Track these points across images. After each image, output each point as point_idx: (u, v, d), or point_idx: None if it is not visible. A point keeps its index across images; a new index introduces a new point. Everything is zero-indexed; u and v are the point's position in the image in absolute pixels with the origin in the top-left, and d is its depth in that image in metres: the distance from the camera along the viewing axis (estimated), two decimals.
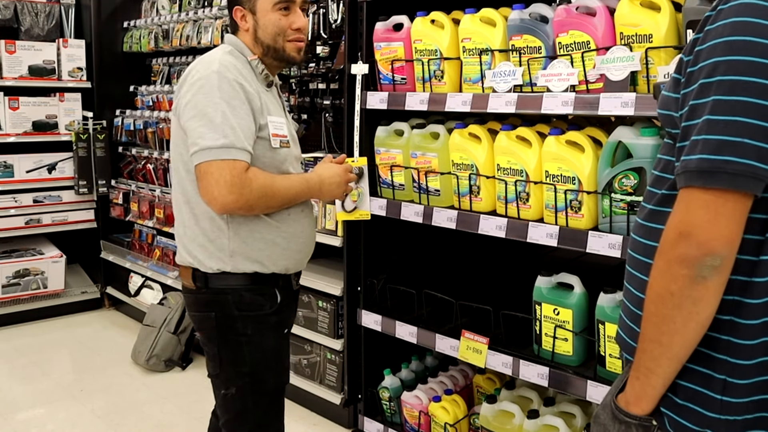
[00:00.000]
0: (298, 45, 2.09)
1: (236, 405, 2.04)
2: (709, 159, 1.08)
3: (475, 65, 2.46)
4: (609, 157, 2.13)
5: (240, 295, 1.99)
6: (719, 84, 1.10)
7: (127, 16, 4.99)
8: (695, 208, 1.10)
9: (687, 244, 1.10)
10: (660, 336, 1.16)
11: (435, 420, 2.76)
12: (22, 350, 4.26)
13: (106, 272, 5.05)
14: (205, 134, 1.85)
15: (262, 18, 2.04)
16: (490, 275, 3.10)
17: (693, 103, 1.13)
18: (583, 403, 2.40)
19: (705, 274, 1.09)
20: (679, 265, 1.11)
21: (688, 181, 1.11)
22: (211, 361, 2.07)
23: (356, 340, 3.07)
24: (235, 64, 1.97)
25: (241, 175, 1.85)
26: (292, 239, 2.05)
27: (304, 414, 3.40)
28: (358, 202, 2.82)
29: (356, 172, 2.81)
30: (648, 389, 1.20)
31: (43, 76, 4.71)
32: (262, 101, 1.97)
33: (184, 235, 2.02)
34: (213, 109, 1.87)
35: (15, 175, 4.66)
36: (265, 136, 1.97)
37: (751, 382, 1.16)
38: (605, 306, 2.19)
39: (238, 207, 1.88)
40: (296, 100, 3.52)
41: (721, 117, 1.09)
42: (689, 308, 1.12)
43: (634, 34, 2.07)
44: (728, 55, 1.09)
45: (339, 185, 2.18)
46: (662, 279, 1.14)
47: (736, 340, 1.16)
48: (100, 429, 3.30)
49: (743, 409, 1.17)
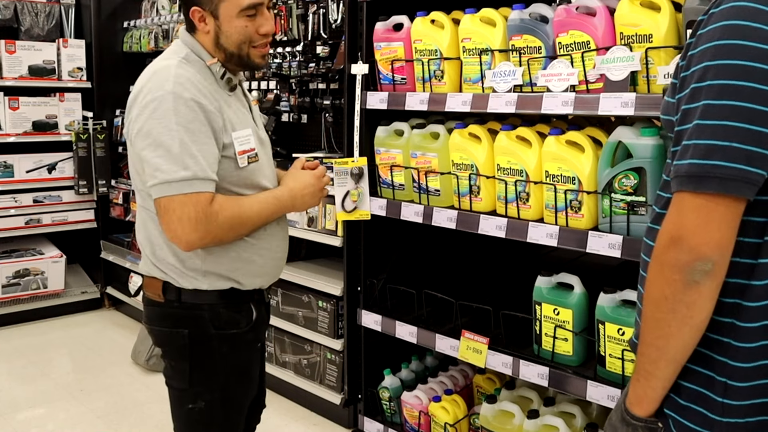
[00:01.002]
0: (263, 51, 1.89)
1: (203, 419, 1.88)
2: (699, 164, 1.09)
3: (475, 65, 2.46)
4: (609, 157, 2.13)
5: (217, 312, 1.84)
6: (709, 88, 1.10)
7: (127, 16, 4.99)
8: (686, 213, 1.11)
9: (678, 248, 1.10)
10: (656, 339, 1.16)
11: (435, 420, 2.76)
12: (22, 350, 4.26)
13: (106, 272, 5.05)
14: (162, 166, 1.67)
15: (226, 24, 1.80)
16: (490, 275, 3.10)
17: (685, 108, 1.14)
18: (583, 403, 2.40)
19: (697, 279, 1.10)
20: (671, 269, 1.11)
21: (680, 186, 1.12)
22: (177, 375, 1.88)
23: (356, 340, 3.07)
24: (191, 77, 1.74)
25: (206, 210, 1.68)
26: (266, 255, 1.91)
27: (304, 414, 3.41)
28: (358, 202, 2.83)
29: (356, 172, 2.82)
30: (648, 391, 1.21)
31: (43, 76, 4.71)
32: (224, 117, 1.77)
33: (152, 253, 1.85)
34: (169, 137, 1.67)
35: (15, 175, 4.66)
36: (230, 155, 1.78)
37: (751, 385, 1.16)
38: (605, 306, 2.19)
39: (204, 243, 1.73)
40: (296, 100, 3.52)
41: (711, 122, 1.09)
42: (683, 312, 1.12)
43: (634, 34, 2.07)
44: (717, 59, 1.09)
45: (313, 195, 1.96)
46: (656, 283, 1.15)
47: (736, 343, 1.16)
48: (100, 429, 3.31)
49: (744, 412, 1.17)
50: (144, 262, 1.91)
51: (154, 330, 1.92)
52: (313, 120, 3.62)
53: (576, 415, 2.45)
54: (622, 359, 2.13)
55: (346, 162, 2.82)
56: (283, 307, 3.45)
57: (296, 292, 3.37)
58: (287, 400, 3.50)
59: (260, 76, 3.65)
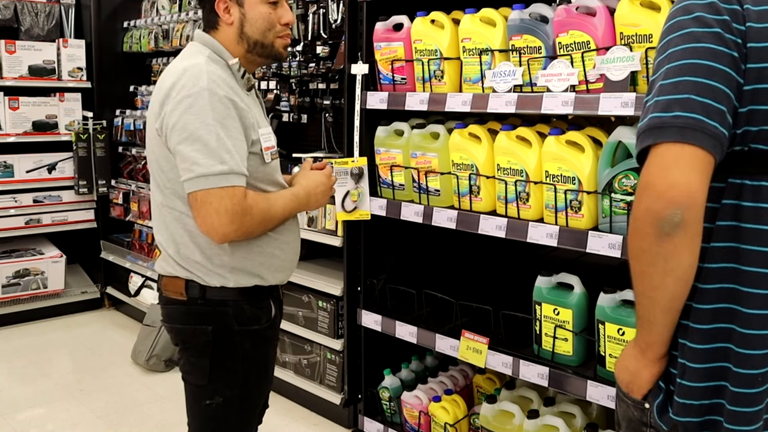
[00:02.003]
0: (286, 41, 1.95)
1: (219, 415, 1.92)
2: (659, 116, 1.13)
3: (475, 65, 2.46)
4: (609, 157, 2.13)
5: (241, 308, 1.88)
6: (670, 55, 1.17)
7: (127, 16, 4.99)
8: (651, 162, 1.13)
9: (647, 197, 1.13)
10: (646, 290, 1.20)
11: (435, 420, 2.76)
12: (22, 350, 4.26)
13: (106, 272, 5.05)
14: (200, 160, 1.71)
15: (251, 11, 1.87)
16: (490, 275, 3.10)
17: (651, 80, 1.20)
18: (583, 403, 2.40)
19: (667, 231, 1.11)
20: (643, 222, 1.14)
21: (643, 142, 1.15)
22: (196, 371, 1.91)
23: (356, 340, 3.07)
24: (221, 75, 1.80)
25: (242, 203, 1.74)
26: (287, 248, 1.97)
27: (304, 414, 3.41)
28: (358, 202, 2.83)
29: (356, 172, 2.82)
30: (654, 336, 1.25)
31: (43, 76, 4.71)
32: (252, 115, 1.84)
33: (176, 252, 1.86)
34: (207, 132, 1.71)
35: (15, 175, 4.66)
36: (257, 151, 1.84)
37: (703, 367, 1.21)
38: (605, 306, 2.19)
39: (238, 236, 1.78)
40: (296, 100, 3.52)
41: (671, 80, 1.15)
42: (662, 265, 1.15)
43: (634, 34, 2.07)
44: (672, 32, 1.18)
45: (324, 194, 2.04)
46: (634, 237, 1.17)
47: (693, 325, 1.22)
48: (100, 429, 3.31)
49: (699, 394, 1.22)
50: (164, 262, 1.91)
51: (176, 328, 1.93)
52: (313, 120, 3.62)
53: (576, 415, 2.46)
54: None
55: (346, 162, 2.82)
56: (284, 306, 3.45)
57: (296, 292, 3.37)
58: (287, 400, 3.50)
59: (260, 75, 3.65)
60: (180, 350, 1.95)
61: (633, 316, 2.06)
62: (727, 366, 1.21)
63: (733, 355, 1.20)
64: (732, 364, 1.20)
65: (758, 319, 1.18)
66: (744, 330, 1.19)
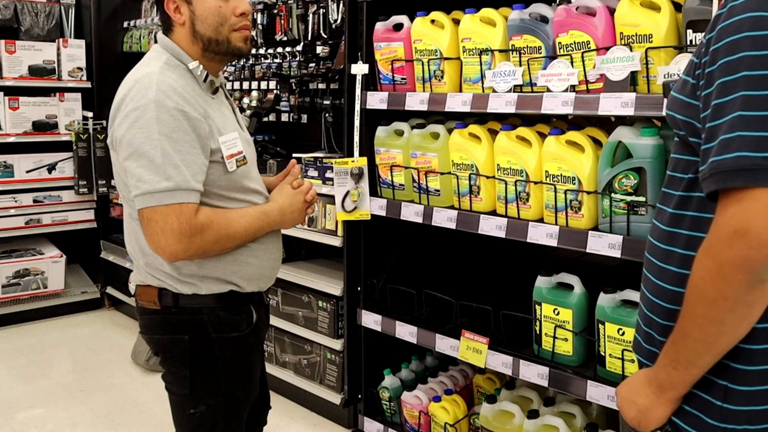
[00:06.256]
0: (244, 34, 1.82)
1: (205, 423, 1.86)
2: (750, 156, 1.02)
3: (475, 65, 2.46)
4: (609, 157, 2.13)
5: (217, 315, 1.81)
6: (748, 79, 1.04)
7: (127, 16, 4.99)
8: (747, 207, 1.02)
9: (746, 244, 1.02)
10: (706, 336, 1.12)
11: (435, 420, 2.76)
12: (22, 350, 4.26)
13: (106, 272, 5.05)
14: (145, 176, 1.63)
15: (199, 7, 1.77)
16: (490, 275, 3.10)
17: (717, 103, 1.08)
18: (583, 403, 2.40)
19: (764, 278, 1.03)
20: (736, 268, 1.04)
21: (725, 182, 1.05)
22: (178, 381, 1.85)
23: (356, 340, 3.07)
24: (173, 84, 1.70)
25: (191, 221, 1.64)
26: (263, 256, 1.88)
27: (304, 414, 3.41)
28: (358, 202, 2.83)
29: (356, 172, 2.82)
30: (686, 377, 1.17)
31: (43, 76, 4.71)
32: (210, 123, 1.73)
33: (145, 262, 1.80)
34: (151, 147, 1.63)
35: (15, 175, 4.65)
36: (218, 159, 1.74)
37: (753, 390, 1.14)
38: (605, 306, 2.19)
39: (189, 255, 1.69)
40: (296, 100, 3.52)
41: (756, 113, 1.03)
42: (743, 312, 1.07)
43: (634, 34, 2.07)
44: (753, 50, 1.05)
45: (300, 212, 1.94)
46: (713, 282, 1.07)
47: (740, 344, 1.13)
48: (100, 429, 3.31)
49: (744, 419, 1.14)
50: (137, 272, 1.87)
51: (153, 338, 1.88)
52: (313, 120, 3.62)
53: (576, 415, 2.46)
54: (622, 359, 2.13)
55: (346, 162, 2.82)
56: (283, 307, 3.45)
57: (296, 292, 3.37)
58: (287, 400, 3.50)
59: (260, 75, 3.65)
60: (161, 361, 1.91)
61: (633, 316, 2.07)
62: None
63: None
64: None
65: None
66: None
